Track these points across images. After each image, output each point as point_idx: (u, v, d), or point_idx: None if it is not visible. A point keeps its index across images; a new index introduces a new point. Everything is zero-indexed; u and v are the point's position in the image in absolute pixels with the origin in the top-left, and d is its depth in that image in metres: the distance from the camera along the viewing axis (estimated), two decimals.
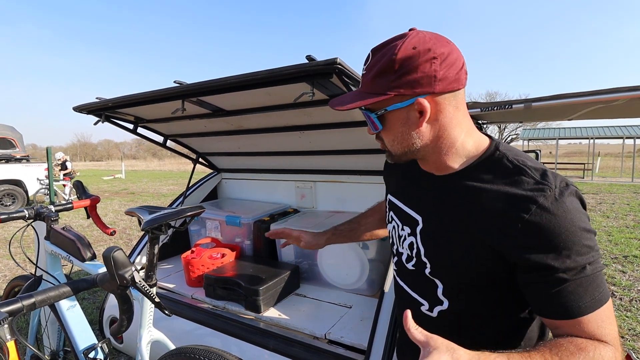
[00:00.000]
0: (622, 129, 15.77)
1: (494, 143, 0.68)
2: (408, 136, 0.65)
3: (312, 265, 1.90)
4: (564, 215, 0.56)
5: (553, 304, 0.59)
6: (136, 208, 1.17)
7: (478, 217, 0.63)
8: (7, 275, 3.70)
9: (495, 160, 0.65)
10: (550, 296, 0.59)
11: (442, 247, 0.68)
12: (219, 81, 1.21)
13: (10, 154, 8.22)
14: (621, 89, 1.27)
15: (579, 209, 0.59)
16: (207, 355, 0.94)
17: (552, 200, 0.57)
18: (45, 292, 0.75)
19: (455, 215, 0.66)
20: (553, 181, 0.59)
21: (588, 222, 0.59)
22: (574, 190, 0.59)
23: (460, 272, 0.67)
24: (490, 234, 0.61)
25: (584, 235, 0.57)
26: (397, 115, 0.64)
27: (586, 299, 0.57)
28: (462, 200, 0.65)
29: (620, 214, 6.72)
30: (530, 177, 0.60)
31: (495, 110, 1.44)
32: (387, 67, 0.61)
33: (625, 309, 2.90)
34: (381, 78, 0.62)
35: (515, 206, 0.59)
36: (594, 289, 0.57)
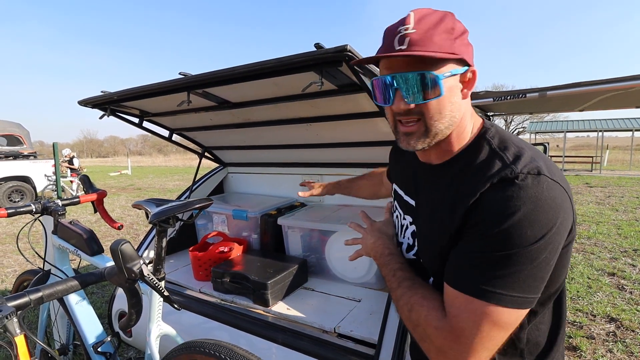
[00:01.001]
0: (631, 121, 15.51)
1: (483, 129, 0.65)
2: (452, 109, 0.60)
3: (319, 259, 1.89)
4: (510, 197, 0.53)
5: (449, 265, 0.60)
6: (143, 201, 1.16)
7: (448, 204, 0.61)
8: (16, 270, 3.74)
9: (479, 147, 0.63)
10: (457, 256, 0.59)
11: (428, 239, 0.68)
12: (225, 71, 1.19)
13: (17, 151, 8.29)
14: (636, 77, 1.23)
15: (538, 201, 0.52)
16: (217, 349, 0.93)
17: (508, 183, 0.54)
18: (53, 286, 0.74)
19: (436, 204, 0.65)
20: (521, 166, 0.55)
21: (543, 219, 0.52)
22: (545, 180, 0.54)
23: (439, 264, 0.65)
24: (454, 218, 0.59)
25: (520, 226, 0.51)
26: (451, 83, 0.59)
27: (469, 277, 0.55)
28: (445, 190, 0.64)
29: (630, 207, 6.62)
30: (502, 160, 0.58)
31: (508, 99, 1.40)
32: (450, 28, 0.58)
33: (636, 302, 2.86)
34: (445, 40, 0.57)
35: (475, 186, 0.57)
36: (492, 279, 0.52)
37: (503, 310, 0.52)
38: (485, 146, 0.62)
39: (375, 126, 1.67)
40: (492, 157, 0.59)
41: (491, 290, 0.52)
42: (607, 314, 2.67)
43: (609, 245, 4.35)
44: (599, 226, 5.24)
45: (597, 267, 3.62)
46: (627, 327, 2.50)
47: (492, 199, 0.54)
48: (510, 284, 0.52)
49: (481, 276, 0.53)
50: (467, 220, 0.57)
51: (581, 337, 2.37)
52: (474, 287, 0.54)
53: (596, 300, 2.90)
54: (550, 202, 0.53)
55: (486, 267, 0.53)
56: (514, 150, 0.59)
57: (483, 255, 0.54)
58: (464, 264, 0.56)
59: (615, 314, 2.66)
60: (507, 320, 0.53)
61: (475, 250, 0.55)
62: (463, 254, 0.57)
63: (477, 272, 0.54)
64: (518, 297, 0.53)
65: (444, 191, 0.64)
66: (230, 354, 0.91)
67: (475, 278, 0.54)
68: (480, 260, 0.54)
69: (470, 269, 0.55)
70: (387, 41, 0.60)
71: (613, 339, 2.37)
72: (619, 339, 2.36)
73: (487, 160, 0.60)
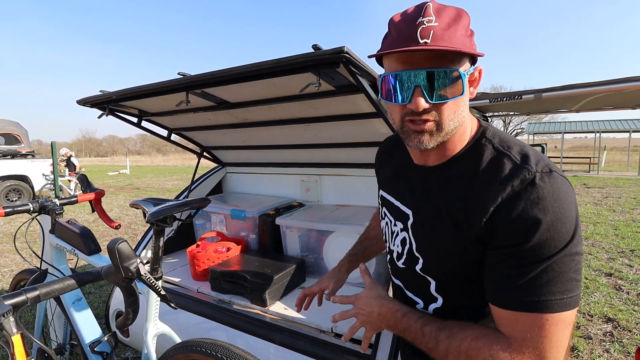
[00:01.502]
0: (628, 122, 15.58)
1: (481, 129, 0.65)
2: (465, 108, 0.60)
3: (317, 259, 1.89)
4: (536, 200, 0.52)
5: (492, 286, 0.56)
6: (141, 200, 1.16)
7: (461, 207, 0.60)
8: (13, 270, 3.73)
9: (482, 147, 0.62)
10: (493, 278, 0.56)
11: (431, 241, 0.66)
12: (224, 72, 1.19)
13: (15, 150, 8.27)
14: (630, 79, 1.25)
15: (561, 199, 0.52)
16: (213, 348, 0.94)
17: (527, 184, 0.53)
18: (50, 285, 0.74)
19: (443, 206, 0.63)
20: (534, 165, 0.55)
21: (569, 217, 0.52)
22: (557, 177, 0.54)
23: (450, 266, 0.64)
24: (473, 224, 0.57)
25: (557, 225, 0.51)
26: (467, 81, 0.57)
27: (520, 295, 0.52)
28: (448, 191, 0.63)
29: (627, 208, 6.65)
30: (512, 161, 0.57)
31: (504, 101, 1.41)
32: (466, 26, 0.56)
33: (633, 302, 2.87)
34: (464, 36, 0.55)
35: (493, 190, 0.55)
36: (537, 290, 0.51)
37: (567, 314, 0.52)
38: (487, 145, 0.61)
39: (373, 127, 1.68)
40: (499, 157, 0.59)
41: (552, 299, 0.51)
42: (604, 314, 2.69)
43: (606, 245, 4.37)
44: (597, 227, 5.26)
45: (594, 268, 3.63)
46: (624, 327, 2.51)
47: (519, 206, 0.53)
48: (566, 286, 0.51)
49: (538, 289, 0.51)
50: (495, 229, 0.55)
51: (578, 337, 2.39)
52: (535, 302, 0.51)
53: (593, 301, 2.91)
54: (568, 197, 0.54)
55: (538, 278, 0.52)
56: (517, 149, 0.59)
57: (531, 268, 0.52)
58: (515, 282, 0.53)
59: (612, 314, 2.68)
60: (571, 320, 0.52)
61: (521, 265, 0.53)
62: (509, 273, 0.54)
63: (532, 286, 0.52)
64: (575, 295, 0.52)
65: (448, 193, 0.62)
66: (227, 353, 0.91)
67: (533, 293, 0.52)
68: (530, 274, 0.52)
69: (524, 286, 0.52)
70: (405, 33, 0.55)
71: (610, 339, 2.38)
72: (616, 339, 2.38)
73: (495, 161, 0.59)
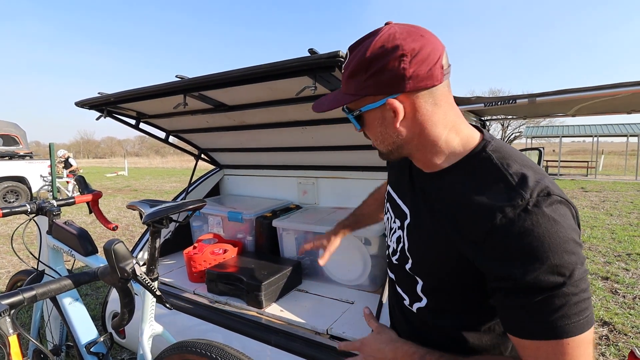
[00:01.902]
0: (626, 126, 15.67)
1: (483, 142, 0.63)
2: (387, 135, 0.63)
3: (314, 261, 1.90)
4: (531, 228, 0.51)
5: (507, 318, 0.56)
6: (137, 202, 1.17)
7: (452, 220, 0.59)
8: (10, 271, 3.72)
9: (479, 161, 0.60)
10: (508, 308, 0.55)
11: (421, 245, 0.67)
12: (221, 75, 1.20)
13: (13, 151, 8.25)
14: (624, 84, 1.26)
15: (560, 223, 0.51)
16: (208, 349, 0.94)
17: (521, 211, 0.52)
18: (47, 285, 0.75)
19: (435, 214, 0.64)
20: (530, 190, 0.53)
21: (571, 239, 0.51)
22: (557, 199, 0.53)
23: (436, 271, 0.65)
24: (461, 239, 0.58)
25: (557, 253, 0.50)
26: (373, 115, 0.63)
27: (537, 324, 0.51)
28: (441, 200, 0.63)
29: (624, 212, 6.68)
30: (507, 183, 0.55)
31: (499, 105, 1.42)
32: (359, 68, 0.59)
33: (629, 306, 2.88)
34: (354, 79, 0.60)
35: (483, 214, 0.54)
36: (556, 316, 0.50)
37: (586, 334, 0.51)
38: (485, 161, 0.60)
39: None
40: (495, 176, 0.57)
41: (570, 323, 0.50)
42: (601, 318, 2.70)
43: (603, 249, 4.39)
44: (593, 230, 5.29)
45: (591, 271, 3.64)
46: (620, 330, 2.52)
47: (513, 235, 0.52)
48: (580, 307, 0.50)
49: (554, 316, 0.50)
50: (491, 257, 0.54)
51: None
52: (554, 329, 0.50)
53: None
54: (567, 220, 0.52)
55: (552, 305, 0.50)
56: (516, 167, 0.57)
57: (543, 298, 0.50)
58: (530, 312, 0.52)
59: (608, 318, 2.68)
60: (591, 339, 0.52)
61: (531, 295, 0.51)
62: (522, 303, 0.52)
63: (547, 314, 0.51)
64: (590, 314, 0.51)
65: (440, 202, 0.63)
66: (222, 353, 0.92)
67: (549, 320, 0.51)
68: (543, 303, 0.51)
69: (540, 314, 0.51)
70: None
71: (606, 342, 2.39)
72: (612, 342, 2.38)
73: (489, 179, 0.58)
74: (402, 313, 0.78)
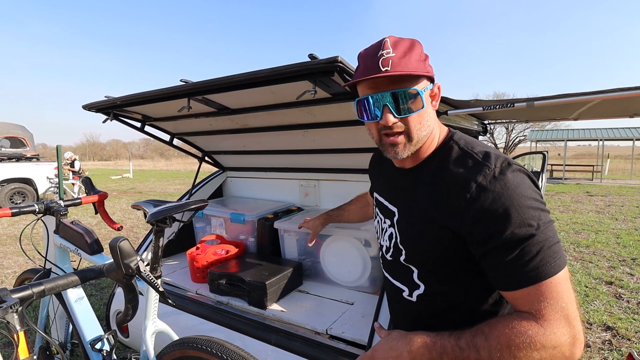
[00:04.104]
0: (632, 130, 15.52)
1: (450, 134, 0.75)
2: (430, 119, 0.71)
3: (314, 263, 1.92)
4: (501, 191, 0.60)
5: (498, 276, 0.63)
6: (142, 202, 1.20)
7: (433, 201, 0.68)
8: (16, 272, 3.77)
9: (449, 148, 0.72)
10: (495, 267, 0.62)
11: (412, 234, 0.74)
12: (224, 79, 1.23)
13: (21, 153, 8.37)
14: (623, 89, 1.27)
15: (522, 185, 0.61)
16: (209, 345, 0.97)
17: (491, 178, 0.62)
18: (54, 280, 0.78)
19: (420, 202, 0.72)
20: (494, 161, 0.64)
21: (533, 197, 0.61)
22: (516, 168, 0.63)
23: (429, 256, 0.72)
24: (445, 216, 0.66)
25: (524, 209, 0.59)
26: (426, 96, 0.70)
27: (523, 273, 0.59)
28: (423, 188, 0.72)
29: (630, 216, 6.62)
30: (474, 159, 0.66)
31: (497, 108, 1.44)
32: (419, 53, 0.69)
33: (633, 311, 2.86)
34: (417, 61, 0.68)
35: (459, 186, 0.64)
36: (535, 262, 0.59)
37: (564, 272, 0.60)
38: (454, 147, 0.72)
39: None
40: (464, 156, 0.68)
41: (548, 265, 0.59)
42: (604, 323, 2.68)
43: (608, 254, 4.35)
44: (598, 235, 5.25)
45: (595, 276, 3.62)
46: (623, 335, 2.50)
47: (487, 200, 0.61)
48: (553, 250, 0.60)
49: (534, 262, 0.59)
50: (470, 223, 0.62)
51: None
52: (537, 274, 0.59)
53: (593, 309, 2.90)
54: (527, 181, 0.63)
55: (530, 254, 0.59)
56: (479, 148, 0.69)
57: (521, 249, 0.59)
58: (514, 265, 0.60)
59: (612, 323, 2.67)
60: (567, 274, 0.60)
61: (510, 250, 0.60)
62: (504, 259, 0.61)
63: (528, 262, 0.59)
64: (562, 255, 0.61)
65: (422, 189, 0.72)
66: (222, 349, 0.94)
67: (532, 267, 0.59)
68: (522, 254, 0.59)
69: (522, 264, 0.59)
70: (369, 64, 0.67)
71: (609, 347, 2.38)
72: (615, 347, 2.37)
73: (460, 159, 0.68)
74: (403, 306, 0.82)
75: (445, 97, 1.48)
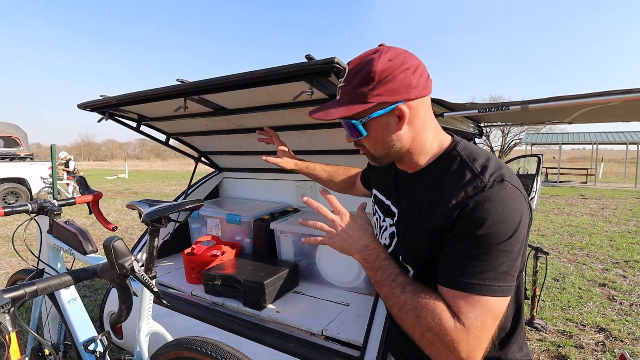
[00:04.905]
0: (625, 134, 15.71)
1: (453, 143, 0.75)
2: (389, 139, 0.72)
3: (310, 264, 1.91)
4: (483, 202, 0.62)
5: (443, 266, 0.66)
6: (136, 201, 1.20)
7: (428, 208, 0.69)
8: (8, 272, 3.73)
9: (451, 158, 0.72)
10: (445, 257, 0.65)
11: (407, 235, 0.76)
12: (220, 79, 1.23)
13: (14, 153, 8.29)
14: (616, 92, 1.29)
15: (506, 203, 0.62)
16: (203, 346, 0.96)
17: (479, 190, 0.63)
18: (47, 280, 0.77)
19: (416, 207, 0.73)
20: (488, 175, 0.65)
21: (510, 220, 0.61)
22: (508, 185, 0.64)
23: (420, 257, 0.73)
24: (434, 221, 0.67)
25: (497, 224, 0.61)
26: (378, 121, 0.70)
27: (462, 276, 0.61)
28: (422, 194, 0.73)
29: (623, 219, 6.69)
30: (471, 171, 0.67)
31: (492, 111, 1.45)
32: (368, 78, 0.67)
33: (626, 313, 2.89)
34: (362, 88, 0.68)
35: (451, 194, 0.66)
36: (474, 274, 0.60)
37: (496, 300, 0.60)
38: (456, 157, 0.71)
39: None
40: (463, 167, 0.69)
41: (483, 284, 0.60)
42: (597, 324, 2.70)
43: (601, 256, 4.40)
44: (592, 237, 5.30)
45: (588, 278, 3.65)
46: (616, 337, 2.52)
47: (469, 207, 0.63)
48: (497, 276, 0.60)
49: (472, 274, 0.61)
50: (451, 225, 0.65)
51: (570, 346, 2.40)
52: (468, 284, 0.60)
53: (586, 311, 2.93)
54: (513, 203, 0.63)
55: (475, 265, 0.61)
56: (481, 161, 0.69)
57: (470, 256, 0.61)
58: (456, 266, 0.63)
59: (605, 324, 2.69)
60: (500, 309, 0.61)
61: (463, 253, 0.63)
62: (453, 258, 0.64)
63: (468, 271, 0.61)
64: (504, 286, 0.61)
65: (421, 195, 0.73)
66: (216, 350, 0.94)
67: (468, 276, 0.61)
68: (468, 260, 0.62)
69: (462, 270, 0.62)
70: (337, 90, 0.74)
71: (602, 348, 2.40)
72: (608, 348, 2.39)
73: (459, 170, 0.69)
74: None
75: (441, 100, 1.49)
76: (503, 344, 0.75)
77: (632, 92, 1.23)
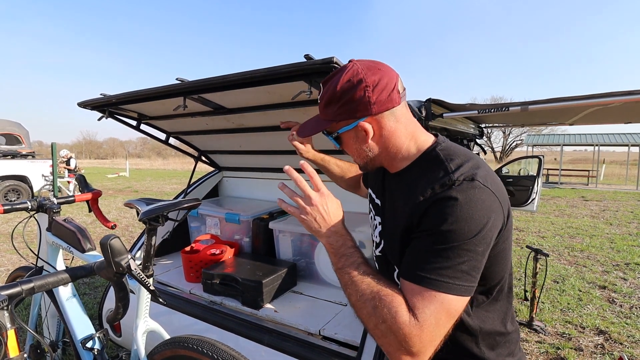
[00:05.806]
0: (627, 136, 15.66)
1: (435, 144, 0.76)
2: (362, 150, 0.77)
3: (309, 263, 1.92)
4: (448, 199, 0.63)
5: (405, 259, 0.67)
6: (134, 200, 1.20)
7: (404, 205, 0.71)
8: (9, 269, 3.74)
9: (429, 158, 0.74)
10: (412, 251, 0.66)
11: (389, 236, 0.78)
12: (219, 79, 1.23)
13: (16, 150, 8.31)
14: (616, 93, 1.28)
15: (473, 203, 0.62)
16: (200, 344, 0.96)
17: (447, 188, 0.64)
18: (44, 278, 0.77)
19: (397, 206, 0.75)
20: (458, 174, 0.66)
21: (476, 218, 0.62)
22: (478, 185, 0.64)
23: (398, 254, 0.74)
24: (408, 219, 0.68)
25: (460, 222, 0.61)
26: (348, 135, 0.76)
27: (421, 270, 0.61)
28: (400, 194, 0.75)
29: (624, 221, 6.67)
30: (444, 169, 0.68)
31: (492, 112, 1.45)
32: (331, 99, 0.73)
33: (625, 315, 2.88)
34: (328, 108, 0.74)
35: (421, 192, 0.67)
36: (433, 270, 0.60)
37: (452, 298, 0.60)
38: (435, 158, 0.73)
39: None
40: (438, 166, 0.70)
41: (440, 280, 0.60)
42: (596, 327, 2.70)
43: (602, 258, 4.38)
44: (593, 239, 5.28)
45: (588, 280, 3.64)
46: (616, 339, 2.52)
47: (434, 203, 0.64)
48: (455, 274, 0.61)
49: (431, 269, 0.61)
50: (417, 221, 0.66)
51: (569, 348, 2.39)
52: (426, 278, 0.61)
53: (586, 313, 2.92)
54: (481, 203, 0.63)
55: (434, 261, 0.61)
56: (458, 161, 0.69)
57: (431, 251, 0.62)
58: (417, 260, 0.64)
59: (604, 327, 2.69)
60: (456, 308, 0.61)
61: (425, 248, 0.63)
62: (416, 252, 0.65)
63: (428, 266, 0.61)
64: (462, 285, 0.61)
65: (400, 195, 0.76)
66: (213, 349, 0.94)
67: (427, 271, 0.61)
68: (429, 255, 0.62)
69: (422, 264, 0.62)
70: None
71: (601, 351, 2.39)
72: (607, 351, 2.39)
73: (433, 169, 0.70)
74: None
75: (440, 100, 1.49)
76: (491, 347, 0.75)
77: (633, 93, 1.22)
